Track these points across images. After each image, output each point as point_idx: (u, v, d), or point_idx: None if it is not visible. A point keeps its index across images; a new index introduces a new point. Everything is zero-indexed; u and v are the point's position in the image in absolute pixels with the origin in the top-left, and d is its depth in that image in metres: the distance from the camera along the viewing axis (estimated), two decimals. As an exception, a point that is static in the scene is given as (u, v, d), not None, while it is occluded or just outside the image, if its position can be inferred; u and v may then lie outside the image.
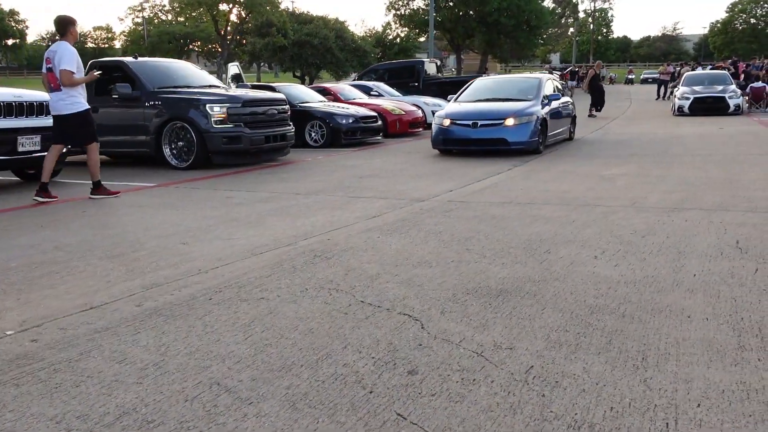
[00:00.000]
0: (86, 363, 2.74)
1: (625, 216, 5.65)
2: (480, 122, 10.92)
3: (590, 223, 5.39)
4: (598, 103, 21.11)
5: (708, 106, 19.78)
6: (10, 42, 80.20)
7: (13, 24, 79.44)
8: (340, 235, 5.15)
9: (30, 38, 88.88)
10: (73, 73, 7.07)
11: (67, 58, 7.01)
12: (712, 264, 4.08)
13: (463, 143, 11.14)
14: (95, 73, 7.68)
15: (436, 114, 11.76)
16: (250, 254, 4.61)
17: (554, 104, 12.24)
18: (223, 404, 2.35)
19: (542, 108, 11.43)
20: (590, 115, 20.27)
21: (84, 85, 7.33)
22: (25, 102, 8.22)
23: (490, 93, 12.46)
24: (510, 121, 10.75)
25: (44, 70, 7.29)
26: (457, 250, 4.60)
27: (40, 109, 8.38)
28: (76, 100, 7.19)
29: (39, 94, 8.61)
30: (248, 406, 2.34)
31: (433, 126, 11.58)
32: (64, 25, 7.23)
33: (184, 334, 3.06)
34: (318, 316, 3.28)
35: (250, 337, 3.01)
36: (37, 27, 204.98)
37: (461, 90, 13.11)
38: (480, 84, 13.36)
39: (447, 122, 11.23)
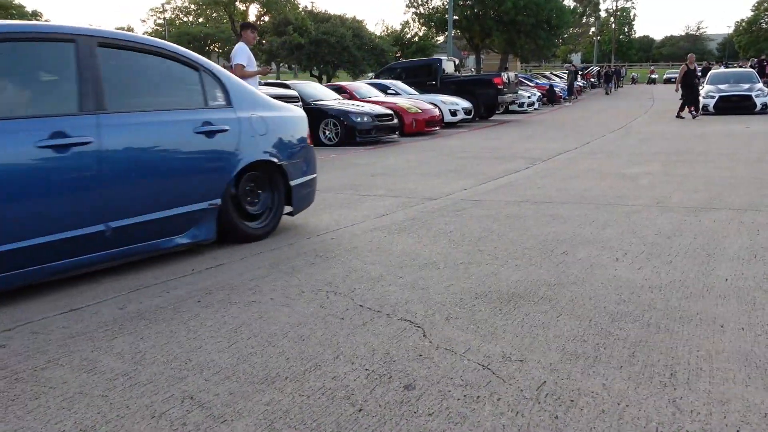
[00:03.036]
0: (52, 372, 2.50)
1: (649, 216, 5.31)
2: None
3: (611, 223, 5.06)
4: (692, 102, 18.35)
5: (734, 105, 19.20)
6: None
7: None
8: (344, 234, 4.88)
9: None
10: (243, 66, 8.50)
11: (239, 55, 8.56)
12: (745, 268, 3.74)
13: None
14: (266, 68, 9.31)
15: None
16: (248, 253, 4.35)
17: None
18: (193, 422, 2.09)
19: None
20: (679, 116, 18.06)
21: (257, 78, 8.92)
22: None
23: None
24: None
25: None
26: (468, 250, 4.30)
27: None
28: None
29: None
30: (221, 424, 2.07)
31: None
32: (245, 28, 9.04)
33: (164, 340, 2.80)
34: (311, 321, 3.01)
35: (234, 344, 2.75)
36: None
37: None
38: None
39: None
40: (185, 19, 73.30)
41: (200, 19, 70.51)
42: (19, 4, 77.13)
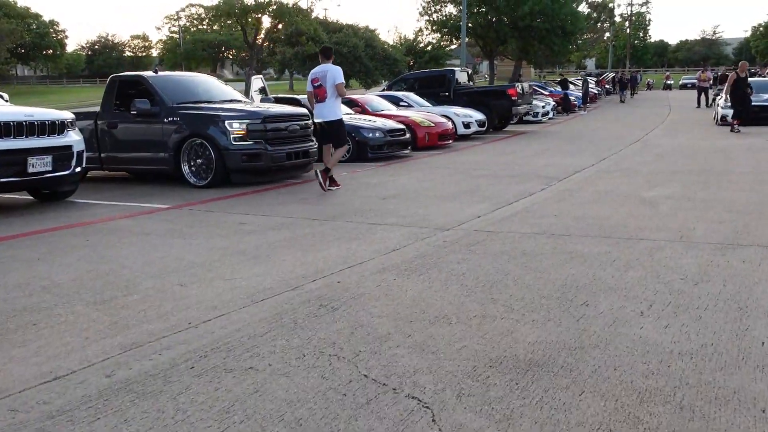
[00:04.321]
0: (24, 468, 2.28)
1: (673, 254, 5.03)
2: None
3: (633, 263, 4.79)
4: (743, 113, 17.06)
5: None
6: (50, 52, 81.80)
7: (53, 34, 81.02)
8: (351, 276, 4.65)
9: (69, 48, 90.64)
10: (344, 85, 9.29)
11: (339, 75, 9.10)
12: (782, 326, 3.46)
13: None
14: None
15: None
16: (250, 301, 4.13)
17: None
18: None
19: None
20: (733, 129, 16.83)
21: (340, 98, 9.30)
22: (37, 121, 7.88)
23: None
24: None
25: (310, 87, 9.28)
26: (481, 299, 4.05)
27: (53, 128, 8.07)
28: (337, 110, 9.23)
29: (52, 113, 8.29)
30: None
31: None
32: (330, 52, 9.51)
33: (149, 424, 2.58)
34: (311, 397, 2.77)
35: (226, 429, 2.52)
36: (76, 37, 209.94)
37: None
38: None
39: None
40: (200, 26, 73.57)
41: (215, 27, 70.80)
42: (36, 13, 77.89)
